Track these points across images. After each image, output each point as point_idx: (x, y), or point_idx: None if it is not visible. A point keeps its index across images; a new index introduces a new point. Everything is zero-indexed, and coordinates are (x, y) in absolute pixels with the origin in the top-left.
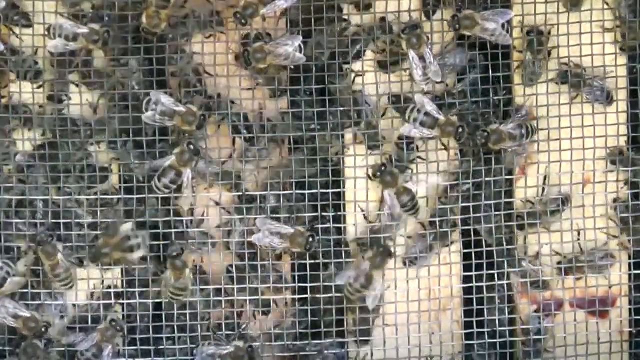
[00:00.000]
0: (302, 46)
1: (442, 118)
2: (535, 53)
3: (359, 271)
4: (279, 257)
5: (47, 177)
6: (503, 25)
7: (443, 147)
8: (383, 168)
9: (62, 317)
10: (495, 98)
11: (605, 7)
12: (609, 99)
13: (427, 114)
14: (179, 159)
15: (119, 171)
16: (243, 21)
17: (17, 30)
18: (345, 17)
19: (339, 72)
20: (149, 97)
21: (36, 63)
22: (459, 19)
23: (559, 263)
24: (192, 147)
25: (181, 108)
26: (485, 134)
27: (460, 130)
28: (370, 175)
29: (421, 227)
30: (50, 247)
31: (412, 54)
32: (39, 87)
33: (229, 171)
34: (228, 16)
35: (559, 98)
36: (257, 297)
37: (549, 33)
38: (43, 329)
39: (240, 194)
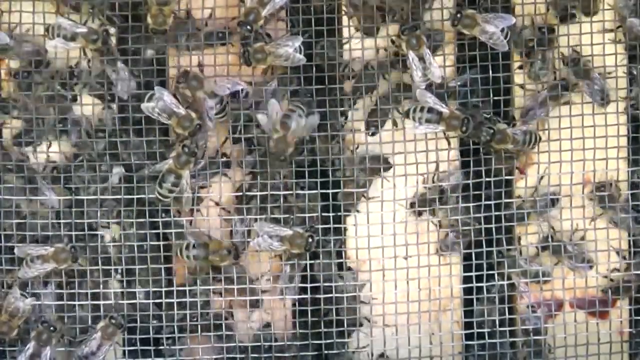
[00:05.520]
0: (302, 47)
1: (446, 111)
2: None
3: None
4: None
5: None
6: (502, 30)
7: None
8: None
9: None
10: (495, 98)
11: (606, 7)
12: (605, 100)
13: (430, 110)
14: (176, 162)
15: None
16: (248, 27)
17: None
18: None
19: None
20: (153, 92)
21: None
22: (460, 17)
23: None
24: (187, 149)
25: (180, 110)
26: (491, 131)
27: (466, 122)
28: None
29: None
30: None
31: (411, 55)
32: None
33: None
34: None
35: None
36: None
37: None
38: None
39: (240, 194)
